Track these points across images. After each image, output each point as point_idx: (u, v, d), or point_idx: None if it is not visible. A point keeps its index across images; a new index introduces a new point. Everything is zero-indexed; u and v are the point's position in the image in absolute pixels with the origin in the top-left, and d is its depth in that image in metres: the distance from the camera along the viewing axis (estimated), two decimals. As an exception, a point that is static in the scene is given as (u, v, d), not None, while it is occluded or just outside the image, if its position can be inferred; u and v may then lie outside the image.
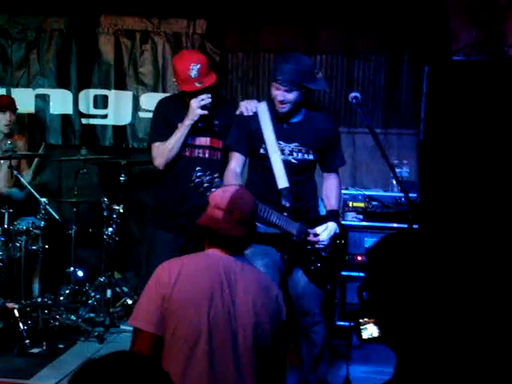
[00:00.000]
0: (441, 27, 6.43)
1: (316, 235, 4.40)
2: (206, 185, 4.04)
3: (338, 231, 4.47)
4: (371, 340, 2.13)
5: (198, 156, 4.90)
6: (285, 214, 4.37)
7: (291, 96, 4.33)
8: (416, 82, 6.91)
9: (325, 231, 4.41)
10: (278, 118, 4.48)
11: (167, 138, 4.81)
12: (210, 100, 4.69)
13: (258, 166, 4.55)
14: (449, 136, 3.55)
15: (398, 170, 5.54)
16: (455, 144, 3.54)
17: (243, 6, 6.97)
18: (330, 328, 5.25)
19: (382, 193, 6.18)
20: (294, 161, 4.47)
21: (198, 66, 4.70)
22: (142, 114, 7.23)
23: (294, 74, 4.28)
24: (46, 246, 5.99)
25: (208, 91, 4.76)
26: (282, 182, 4.42)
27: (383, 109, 7.08)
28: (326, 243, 4.41)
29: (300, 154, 4.47)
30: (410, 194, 4.21)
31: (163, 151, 4.79)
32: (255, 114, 4.52)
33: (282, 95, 4.33)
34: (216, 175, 4.12)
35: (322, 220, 4.48)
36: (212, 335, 2.90)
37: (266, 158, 4.47)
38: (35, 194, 5.97)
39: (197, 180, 4.04)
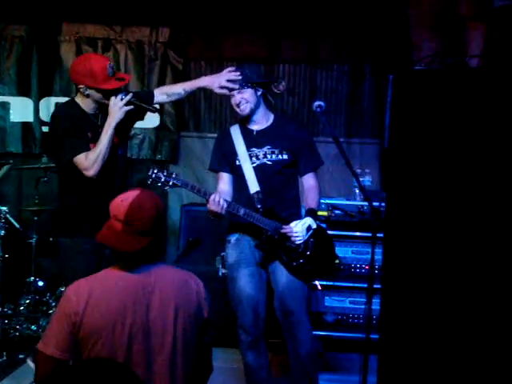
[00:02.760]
0: (403, 37, 6.49)
1: (290, 228, 4.45)
2: (163, 179, 4.21)
3: (314, 226, 4.50)
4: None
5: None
6: (257, 214, 4.44)
7: (245, 95, 4.52)
8: (378, 92, 6.99)
9: (298, 224, 4.46)
10: (247, 129, 4.65)
11: (87, 149, 4.49)
12: (131, 94, 4.60)
13: (237, 177, 4.65)
14: (413, 144, 3.58)
15: (360, 179, 5.57)
16: (420, 151, 3.57)
17: (206, 14, 6.98)
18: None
19: (344, 201, 6.20)
20: (268, 162, 4.56)
21: (112, 64, 4.64)
22: (103, 122, 7.18)
23: (239, 75, 4.54)
24: (6, 255, 5.91)
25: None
26: (254, 186, 4.53)
27: (345, 118, 7.14)
28: (301, 235, 4.45)
29: (274, 156, 4.56)
30: (373, 203, 4.22)
31: (95, 160, 4.44)
32: (228, 134, 4.69)
33: (237, 98, 4.54)
34: (174, 174, 4.26)
35: (297, 218, 4.54)
36: (129, 355, 2.84)
37: (240, 168, 4.59)
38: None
39: (154, 176, 4.20)
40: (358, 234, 6.02)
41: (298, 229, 4.45)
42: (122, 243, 2.94)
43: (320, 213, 5.86)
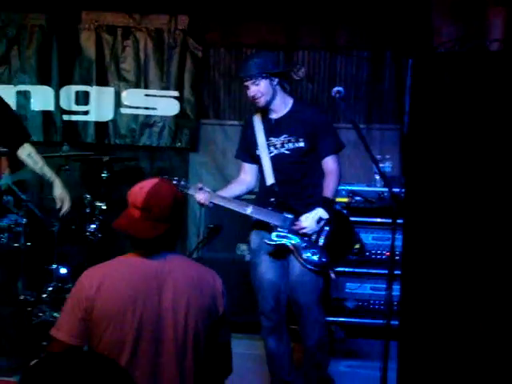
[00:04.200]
0: (423, 22, 6.44)
1: (300, 222, 4.45)
2: None
3: (326, 217, 4.46)
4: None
5: None
6: (269, 208, 4.44)
7: (260, 87, 4.46)
8: (398, 77, 6.94)
9: (308, 217, 4.43)
10: (266, 118, 4.63)
11: None
12: None
13: (259, 167, 4.67)
14: (433, 129, 3.55)
15: (380, 165, 5.55)
16: (440, 137, 3.54)
17: (225, 1, 6.96)
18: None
19: (365, 188, 6.17)
20: (286, 152, 4.55)
21: None
22: (123, 110, 7.22)
23: (253, 66, 4.45)
24: (29, 244, 5.94)
25: None
26: (269, 179, 4.55)
27: (366, 104, 7.10)
28: (311, 229, 4.43)
29: (291, 144, 4.54)
30: (394, 189, 4.20)
31: None
32: (250, 122, 4.68)
33: (252, 91, 4.48)
34: (183, 182, 4.50)
35: (310, 208, 4.50)
36: (137, 344, 2.83)
37: (260, 158, 4.62)
38: (17, 191, 5.91)
39: None
40: (378, 220, 6.00)
41: (307, 223, 4.43)
42: (139, 230, 2.93)
43: (340, 199, 5.86)
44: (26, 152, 5.15)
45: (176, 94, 7.18)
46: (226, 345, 3.12)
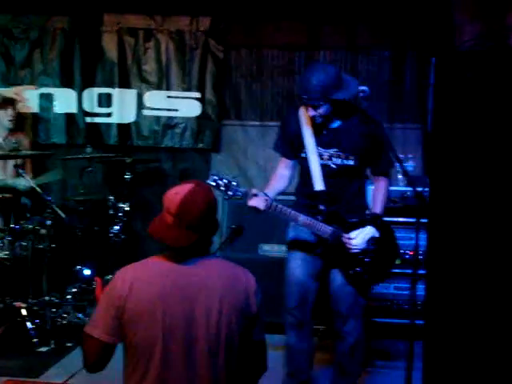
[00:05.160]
0: (445, 20, 6.42)
1: (350, 239, 4.39)
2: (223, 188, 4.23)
3: (376, 235, 4.41)
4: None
5: None
6: (319, 217, 4.41)
7: (320, 110, 4.28)
8: (420, 76, 6.92)
9: (359, 235, 4.38)
10: (315, 125, 4.43)
11: None
12: None
13: (302, 168, 4.56)
14: (457, 127, 3.54)
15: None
16: (464, 135, 3.53)
17: (246, 2, 6.97)
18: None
19: (387, 187, 6.14)
20: (333, 166, 4.43)
21: None
22: (146, 112, 7.25)
23: (317, 91, 4.20)
24: (53, 245, 5.99)
25: None
26: (319, 184, 4.44)
27: (388, 103, 7.08)
28: (360, 247, 4.38)
29: (339, 160, 4.42)
30: (417, 188, 4.16)
31: None
32: (296, 120, 4.50)
33: (311, 112, 4.31)
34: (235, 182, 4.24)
35: (361, 224, 4.43)
36: (168, 343, 2.85)
37: (306, 161, 4.47)
38: (41, 192, 5.96)
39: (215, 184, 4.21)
40: (401, 219, 5.96)
41: (357, 242, 4.37)
42: (171, 237, 2.95)
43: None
44: None
45: (198, 95, 7.20)
46: (260, 343, 3.12)
